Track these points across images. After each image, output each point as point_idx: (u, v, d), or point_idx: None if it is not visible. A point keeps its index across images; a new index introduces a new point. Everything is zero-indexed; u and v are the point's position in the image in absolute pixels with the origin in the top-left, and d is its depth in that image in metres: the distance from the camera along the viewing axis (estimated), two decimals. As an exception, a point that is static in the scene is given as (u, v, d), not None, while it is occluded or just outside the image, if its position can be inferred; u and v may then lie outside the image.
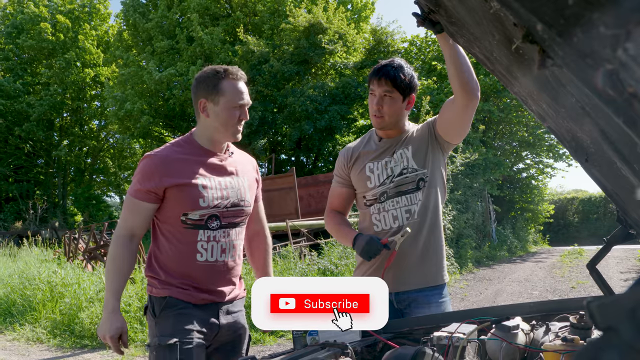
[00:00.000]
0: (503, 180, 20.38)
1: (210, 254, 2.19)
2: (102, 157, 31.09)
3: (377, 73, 2.37)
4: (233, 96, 2.18)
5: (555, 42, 0.45)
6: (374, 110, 2.40)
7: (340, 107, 18.39)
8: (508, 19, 0.66)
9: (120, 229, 2.19)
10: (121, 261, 2.15)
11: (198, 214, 2.15)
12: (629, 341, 0.33)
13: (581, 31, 0.39)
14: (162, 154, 2.19)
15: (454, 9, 1.23)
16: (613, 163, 1.02)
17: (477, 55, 1.31)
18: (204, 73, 2.24)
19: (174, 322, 2.12)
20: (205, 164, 2.22)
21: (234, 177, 2.28)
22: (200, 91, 2.22)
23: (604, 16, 0.35)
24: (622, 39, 0.33)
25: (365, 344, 1.77)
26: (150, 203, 2.15)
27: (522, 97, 1.30)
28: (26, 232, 16.62)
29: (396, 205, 2.41)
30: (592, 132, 0.96)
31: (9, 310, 8.21)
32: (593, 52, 0.38)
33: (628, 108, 0.43)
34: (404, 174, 2.41)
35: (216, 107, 2.19)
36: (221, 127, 2.20)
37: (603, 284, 1.66)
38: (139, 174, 2.16)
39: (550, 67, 0.60)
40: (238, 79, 2.20)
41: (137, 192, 2.14)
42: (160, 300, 2.17)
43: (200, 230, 2.17)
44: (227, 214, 2.22)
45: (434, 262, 2.41)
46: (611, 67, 0.36)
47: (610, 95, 0.43)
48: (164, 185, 2.12)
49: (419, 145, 2.43)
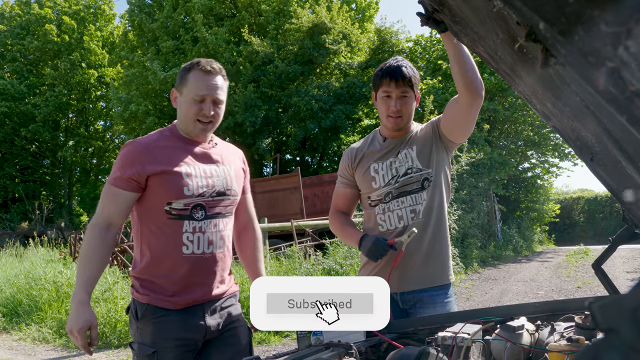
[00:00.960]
0: (508, 180, 20.31)
1: (196, 246, 2.09)
2: (107, 158, 31.20)
3: (393, 74, 2.35)
4: (194, 87, 2.10)
5: (557, 41, 0.44)
6: (392, 111, 2.37)
7: (345, 107, 18.38)
8: (511, 18, 0.66)
9: (97, 218, 2.09)
10: (93, 250, 2.04)
11: (182, 202, 2.07)
12: (630, 342, 0.33)
13: (582, 29, 0.38)
14: (144, 141, 2.13)
15: (457, 8, 1.22)
16: (618, 162, 1.02)
17: (482, 54, 1.30)
18: (184, 64, 2.20)
19: (153, 331, 2.06)
20: (189, 152, 2.15)
21: (219, 165, 2.21)
22: (176, 81, 2.19)
23: (604, 14, 0.35)
24: (623, 37, 0.33)
25: (369, 344, 1.76)
26: (130, 192, 2.06)
27: (526, 96, 1.29)
28: (32, 232, 16.68)
29: (401, 205, 2.40)
30: (597, 131, 0.95)
31: (15, 310, 8.25)
32: (594, 50, 0.38)
33: (630, 106, 0.42)
34: (409, 174, 2.40)
35: (181, 98, 2.16)
36: (183, 118, 2.15)
37: (609, 284, 1.65)
38: (120, 161, 2.08)
39: (553, 66, 0.59)
40: (207, 71, 2.12)
41: (117, 179, 2.06)
42: (141, 305, 2.10)
43: (186, 221, 2.08)
44: (212, 204, 2.14)
45: (439, 262, 2.40)
46: (613, 65, 0.36)
47: (613, 93, 0.43)
48: (147, 172, 2.05)
49: (423, 144, 2.43)
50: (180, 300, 2.09)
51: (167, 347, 2.03)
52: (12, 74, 27.66)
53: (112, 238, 2.11)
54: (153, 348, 2.02)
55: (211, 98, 2.13)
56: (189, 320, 2.09)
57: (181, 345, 2.06)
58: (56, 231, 20.11)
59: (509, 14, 0.65)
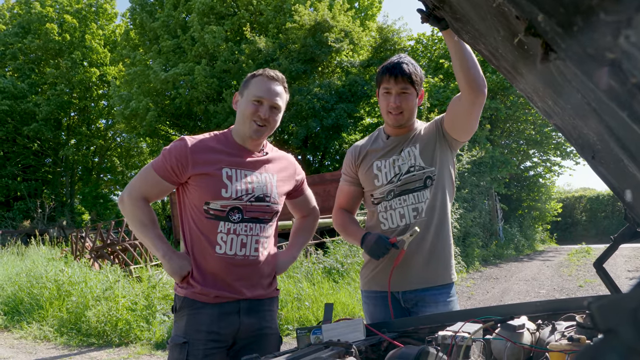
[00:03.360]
0: (510, 179, 20.30)
1: (229, 246, 2.15)
2: (109, 156, 31.24)
3: (393, 71, 2.36)
4: (255, 89, 2.19)
5: (556, 34, 0.43)
6: (391, 107, 2.39)
7: (347, 105, 18.36)
8: (511, 13, 0.65)
9: (132, 192, 2.19)
10: (142, 214, 2.17)
11: (219, 204, 2.13)
12: (629, 343, 0.32)
13: (581, 20, 0.37)
14: (196, 141, 2.19)
15: (458, 4, 1.21)
16: (620, 160, 1.01)
17: (483, 52, 1.29)
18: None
19: (186, 323, 2.13)
20: (236, 157, 2.22)
21: (262, 173, 2.26)
22: (240, 87, 2.28)
23: (603, 2, 0.34)
24: (623, 26, 0.32)
25: (369, 343, 1.76)
26: (166, 182, 2.17)
27: (528, 94, 1.28)
28: (34, 230, 16.71)
29: (403, 203, 2.39)
30: (598, 129, 0.95)
31: (17, 309, 8.27)
32: (594, 42, 0.37)
33: (632, 101, 0.41)
34: (411, 171, 2.40)
35: (241, 100, 2.25)
36: (240, 118, 2.23)
37: (610, 283, 1.64)
38: (170, 151, 2.17)
39: (553, 61, 0.58)
40: (270, 77, 2.21)
41: (160, 167, 2.16)
42: (179, 299, 2.19)
43: (221, 222, 2.14)
44: (250, 208, 2.19)
45: (441, 261, 2.39)
46: (613, 56, 0.35)
47: (613, 87, 0.42)
48: (189, 172, 2.14)
49: (426, 143, 2.42)
50: (214, 295, 2.14)
51: (198, 340, 2.09)
52: (13, 72, 27.68)
53: (149, 205, 2.23)
54: (184, 339, 2.09)
55: (269, 102, 2.20)
56: (222, 315, 2.14)
57: (212, 340, 2.11)
58: (58, 230, 20.15)
59: (508, 9, 0.64)
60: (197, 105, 20.38)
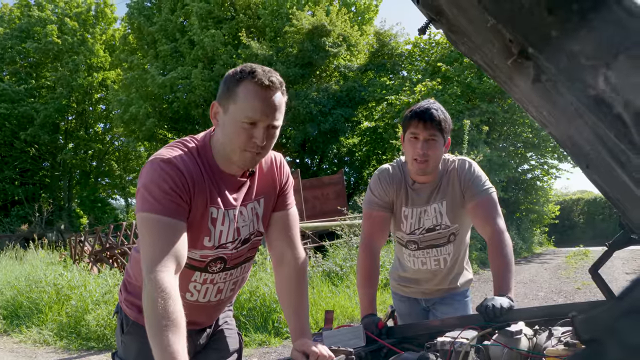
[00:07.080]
0: (508, 182, 20.29)
1: (202, 295, 1.81)
2: (107, 160, 31.19)
3: (422, 116, 2.22)
4: (246, 108, 1.55)
5: (545, 66, 0.46)
6: (417, 154, 2.23)
7: (344, 110, 18.41)
8: (505, 35, 0.68)
9: (155, 264, 1.45)
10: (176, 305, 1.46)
11: (199, 254, 1.70)
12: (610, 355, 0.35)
13: (567, 59, 0.40)
14: (187, 170, 1.61)
15: (455, 18, 1.24)
16: (612, 169, 1.04)
17: (479, 62, 1.32)
18: (231, 70, 1.67)
19: (137, 351, 1.83)
20: (219, 190, 1.68)
21: (247, 205, 1.77)
22: (218, 92, 1.66)
23: (584, 48, 0.36)
24: (603, 70, 0.35)
25: (369, 350, 1.78)
26: (182, 221, 1.57)
27: (523, 103, 1.31)
28: (32, 235, 16.66)
29: (426, 255, 2.51)
30: (591, 139, 0.97)
31: (16, 313, 8.26)
32: (579, 78, 0.40)
33: (616, 123, 0.44)
34: (437, 229, 2.43)
35: (225, 116, 1.61)
36: (226, 141, 1.62)
37: (605, 289, 1.67)
38: (164, 179, 1.55)
39: (544, 82, 0.61)
40: (264, 86, 1.55)
41: (169, 205, 1.53)
42: (127, 319, 1.89)
43: (197, 272, 1.75)
44: (235, 255, 1.79)
45: (459, 280, 2.64)
46: (594, 93, 0.38)
47: (600, 112, 0.44)
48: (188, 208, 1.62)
49: (452, 201, 2.39)
50: None
51: None
52: (11, 76, 27.64)
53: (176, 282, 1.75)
54: None
55: (267, 123, 1.59)
56: None
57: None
58: (56, 234, 20.15)
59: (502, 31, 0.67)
60: (195, 109, 20.41)
